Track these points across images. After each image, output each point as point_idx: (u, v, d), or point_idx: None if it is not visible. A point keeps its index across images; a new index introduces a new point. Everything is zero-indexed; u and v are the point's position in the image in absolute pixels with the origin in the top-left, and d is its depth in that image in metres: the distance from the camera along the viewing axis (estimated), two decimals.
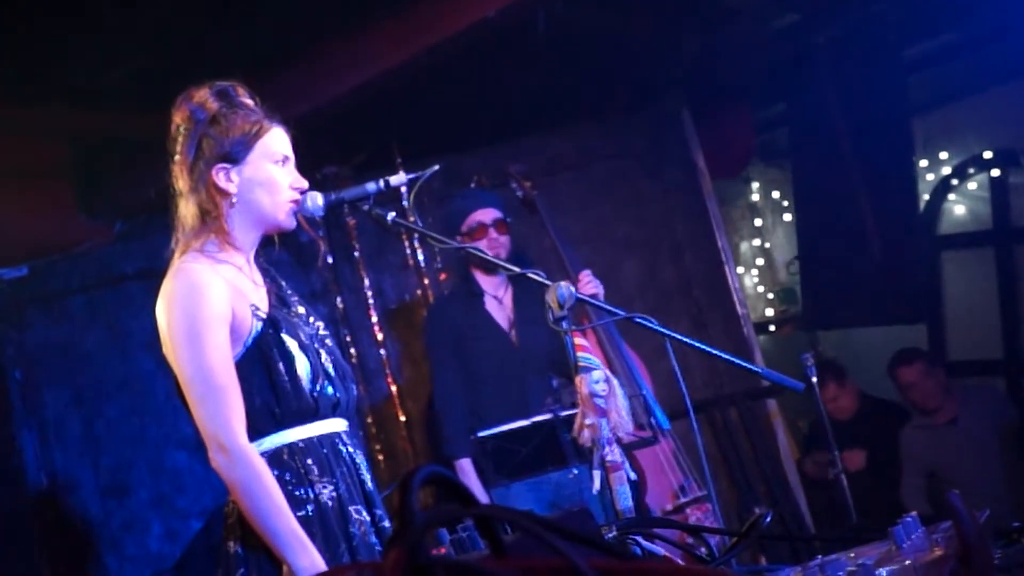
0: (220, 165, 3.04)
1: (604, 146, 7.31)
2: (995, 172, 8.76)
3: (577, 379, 3.35)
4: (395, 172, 6.43)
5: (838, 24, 7.35)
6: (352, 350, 6.55)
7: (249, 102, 3.14)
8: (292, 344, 3.03)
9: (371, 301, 6.66)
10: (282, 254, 3.36)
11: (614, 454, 3.39)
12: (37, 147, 5.95)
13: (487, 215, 5.40)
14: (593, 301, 3.49)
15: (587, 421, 3.37)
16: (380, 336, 6.64)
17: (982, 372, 8.22)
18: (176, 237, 3.10)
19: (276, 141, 3.12)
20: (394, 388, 6.63)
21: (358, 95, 5.90)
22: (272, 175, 3.09)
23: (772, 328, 9.34)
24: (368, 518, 3.11)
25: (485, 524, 1.29)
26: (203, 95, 3.10)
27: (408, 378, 6.73)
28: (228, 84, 3.13)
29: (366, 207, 3.37)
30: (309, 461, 3.01)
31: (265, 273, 3.18)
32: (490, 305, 5.49)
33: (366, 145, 6.63)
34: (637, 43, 6.78)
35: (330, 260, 6.62)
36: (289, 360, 3.01)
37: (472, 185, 6.24)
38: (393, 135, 6.66)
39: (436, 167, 3.49)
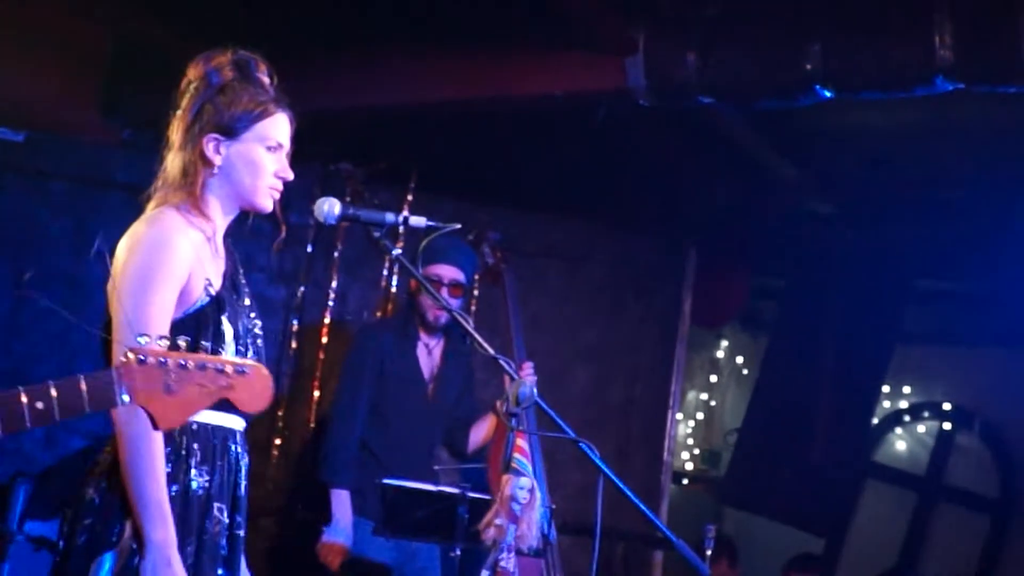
0: (213, 135, 3.02)
1: (604, 251, 7.32)
2: (947, 425, 8.87)
3: (504, 478, 3.34)
4: (406, 193, 6.56)
5: (866, 231, 7.44)
6: (293, 342, 6.49)
7: (265, 80, 3.12)
8: (228, 330, 3.01)
9: (331, 303, 6.62)
10: (266, 226, 3.33)
11: (508, 562, 3.38)
12: (81, 31, 5.91)
13: (447, 273, 5.35)
14: (550, 412, 3.45)
15: (497, 521, 3.35)
16: (325, 340, 6.59)
17: None
18: (155, 184, 3.09)
19: (275, 127, 3.10)
20: (316, 393, 6.57)
21: (403, 111, 5.90)
22: (259, 158, 3.07)
23: (685, 481, 9.36)
24: (227, 520, 3.06)
25: None
26: (223, 61, 3.07)
27: (333, 388, 6.65)
28: (251, 56, 3.11)
29: (376, 234, 3.35)
30: (195, 445, 2.96)
31: (229, 254, 3.15)
32: (420, 352, 5.47)
33: (389, 158, 6.61)
34: (679, 172, 6.84)
35: (309, 249, 6.58)
36: (218, 343, 2.98)
37: (470, 237, 6.22)
38: (417, 160, 6.65)
39: (458, 225, 3.46)
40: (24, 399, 2.04)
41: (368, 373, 5.39)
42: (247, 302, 3.18)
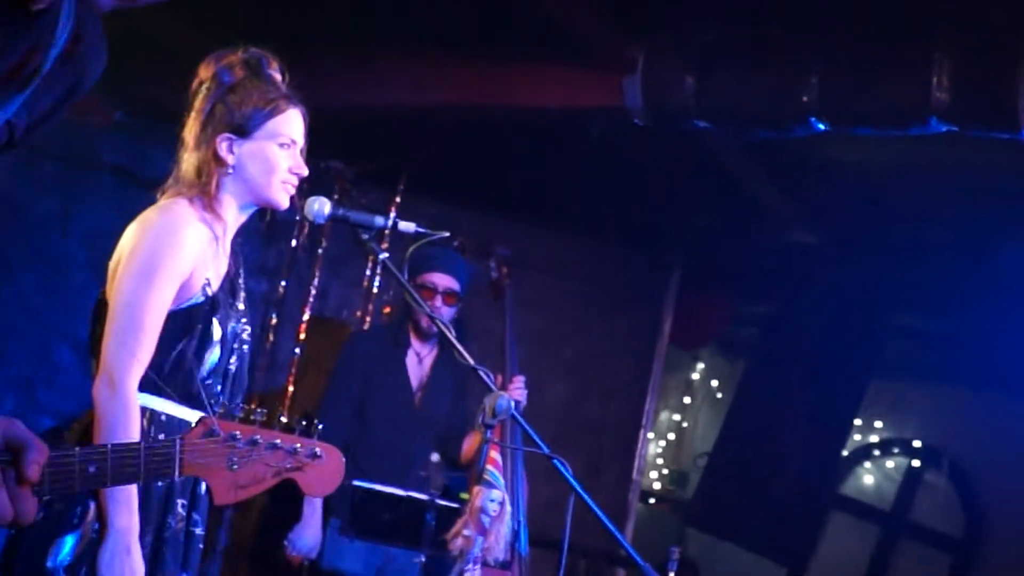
0: (225, 135, 3.03)
1: (592, 269, 7.34)
2: (916, 462, 8.90)
3: (475, 489, 3.33)
4: (395, 195, 6.54)
5: (850, 264, 7.45)
6: (271, 336, 6.47)
7: (277, 76, 3.12)
8: (216, 332, 3.02)
9: (311, 300, 6.60)
10: (256, 222, 3.32)
11: (474, 573, 3.37)
12: None
13: (442, 281, 5.32)
14: (526, 426, 3.44)
15: (465, 532, 3.34)
16: (303, 335, 6.57)
17: None
18: (168, 182, 3.10)
19: (287, 123, 3.10)
20: (291, 388, 6.55)
21: (398, 113, 5.88)
22: (272, 156, 3.07)
23: (651, 500, 9.35)
24: (185, 516, 3.05)
25: None
26: (233, 59, 3.08)
27: (308, 385, 6.63)
28: (261, 53, 3.11)
29: (365, 236, 3.35)
30: (161, 436, 2.94)
31: (233, 256, 3.15)
32: (410, 360, 5.45)
33: (379, 158, 6.59)
34: (669, 192, 6.84)
35: (294, 244, 6.56)
36: (204, 343, 3.00)
37: (455, 244, 6.21)
38: (408, 162, 6.63)
39: (446, 234, 3.45)
40: (77, 460, 1.94)
41: (354, 379, 5.36)
42: (241, 307, 3.18)
